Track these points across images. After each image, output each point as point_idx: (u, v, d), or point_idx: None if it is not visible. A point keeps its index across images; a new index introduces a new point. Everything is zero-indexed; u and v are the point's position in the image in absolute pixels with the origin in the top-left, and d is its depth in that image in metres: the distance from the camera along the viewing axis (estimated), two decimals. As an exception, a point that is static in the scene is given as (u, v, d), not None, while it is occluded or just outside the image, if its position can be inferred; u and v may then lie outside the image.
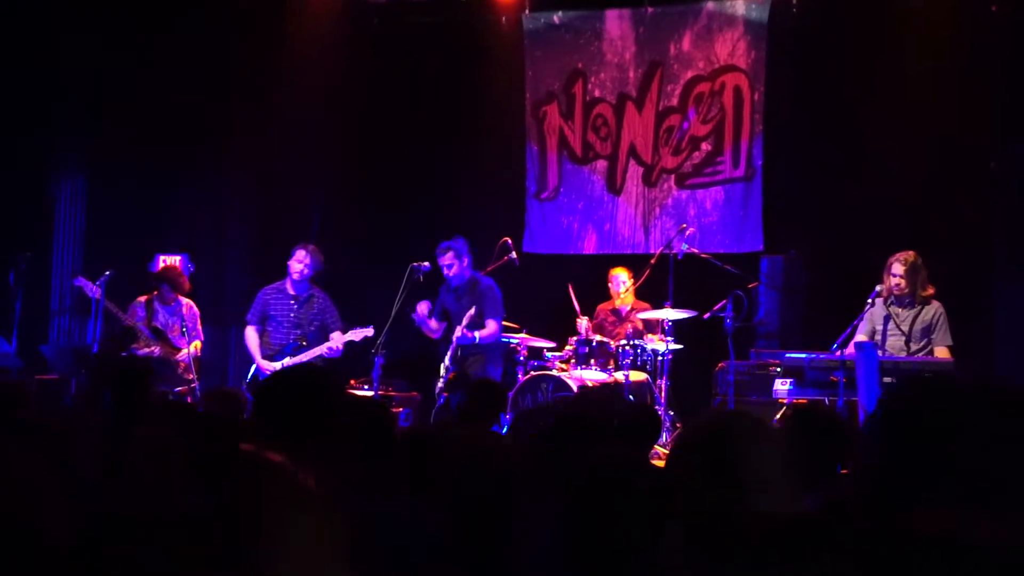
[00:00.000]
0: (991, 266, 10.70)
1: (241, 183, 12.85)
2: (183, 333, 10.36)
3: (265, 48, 12.35)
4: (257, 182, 12.89)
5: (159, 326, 10.36)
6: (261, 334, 10.22)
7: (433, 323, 10.26)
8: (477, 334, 9.95)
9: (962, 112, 10.68)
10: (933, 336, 8.80)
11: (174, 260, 11.49)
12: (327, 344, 10.01)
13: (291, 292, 10.19)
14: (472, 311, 9.88)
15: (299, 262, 10.13)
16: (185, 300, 10.63)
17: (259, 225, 12.88)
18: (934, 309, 8.85)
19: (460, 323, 9.94)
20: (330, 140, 12.78)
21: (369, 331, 10.02)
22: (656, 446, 10.04)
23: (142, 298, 10.53)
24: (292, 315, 10.16)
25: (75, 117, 12.31)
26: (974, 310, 10.03)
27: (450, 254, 10.03)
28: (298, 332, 10.12)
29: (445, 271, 10.10)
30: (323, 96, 12.61)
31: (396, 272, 10.07)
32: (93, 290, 10.28)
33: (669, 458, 2.77)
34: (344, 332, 10.09)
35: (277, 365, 9.78)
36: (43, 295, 12.04)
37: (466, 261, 10.13)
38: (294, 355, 9.98)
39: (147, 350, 10.19)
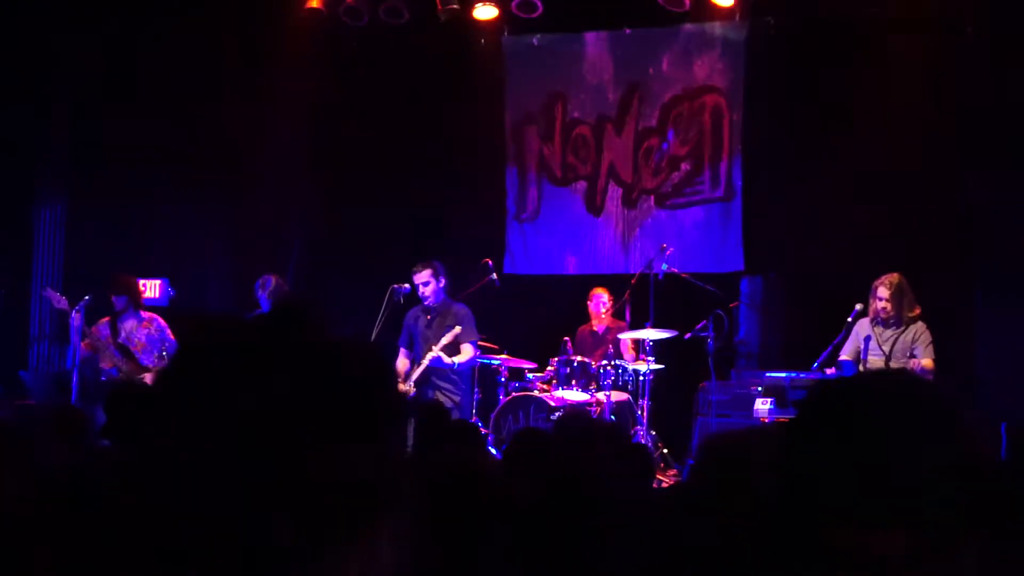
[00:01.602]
0: (970, 288, 10.71)
1: (221, 208, 12.82)
2: (150, 349, 10.21)
3: (245, 71, 12.34)
4: (237, 206, 12.86)
5: (123, 342, 10.24)
6: None
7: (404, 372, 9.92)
8: (455, 360, 9.77)
9: (940, 133, 10.72)
10: (915, 351, 8.82)
11: (155, 284, 11.45)
12: None
13: None
14: (457, 329, 9.70)
15: (261, 291, 10.16)
16: (147, 314, 10.51)
17: (239, 249, 12.84)
18: (916, 328, 8.88)
19: (429, 346, 9.79)
20: (310, 162, 12.78)
21: None
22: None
23: (105, 319, 10.41)
24: None
25: (56, 144, 12.28)
26: (953, 332, 10.04)
27: (427, 272, 9.84)
28: None
29: (420, 289, 9.90)
30: (303, 118, 12.63)
31: (376, 294, 10.06)
32: (60, 301, 10.18)
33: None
34: None
35: None
36: (23, 321, 12.00)
37: (442, 283, 9.94)
38: None
39: (111, 367, 10.10)
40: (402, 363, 10.03)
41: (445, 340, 9.68)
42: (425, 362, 9.62)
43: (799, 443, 1.51)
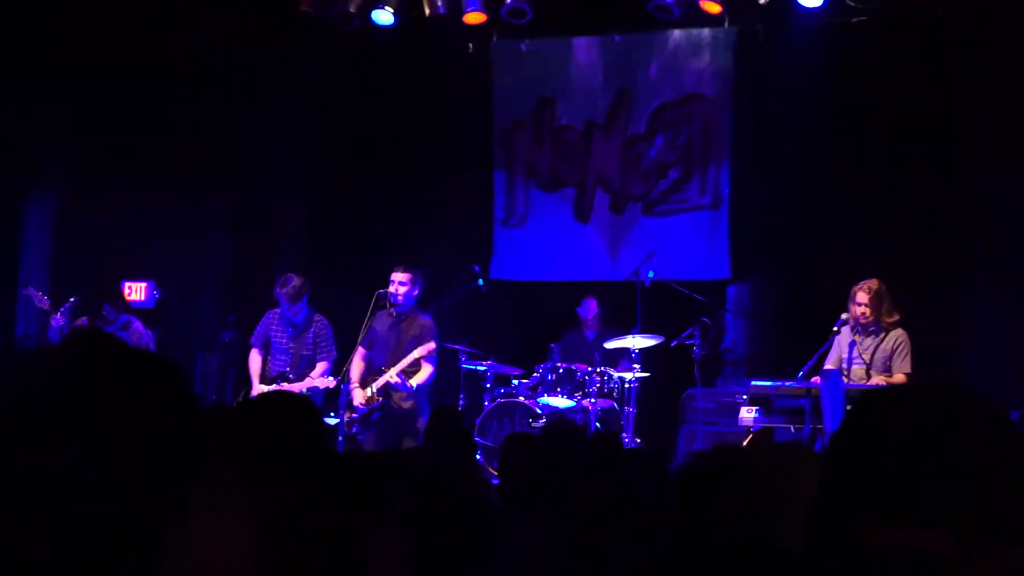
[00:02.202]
0: (960, 293, 10.72)
1: (210, 210, 12.80)
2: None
3: (236, 74, 12.32)
4: (226, 209, 12.84)
5: None
6: (264, 358, 10.14)
7: (356, 393, 9.76)
8: (414, 383, 9.55)
9: (931, 138, 10.72)
10: (892, 363, 8.85)
11: (140, 287, 11.43)
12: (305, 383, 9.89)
13: (290, 318, 10.12)
14: (415, 354, 9.54)
15: (280, 289, 10.07)
16: (126, 316, 10.51)
17: (227, 252, 12.82)
18: (895, 337, 8.90)
19: (387, 349, 9.68)
20: (298, 165, 12.77)
21: (331, 382, 9.86)
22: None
23: (83, 318, 10.37)
24: (287, 342, 10.09)
25: (45, 143, 12.24)
26: (942, 336, 10.07)
27: (408, 275, 9.67)
28: (291, 359, 10.04)
29: (394, 288, 9.67)
30: (293, 122, 12.60)
31: (363, 299, 10.01)
32: (42, 300, 10.15)
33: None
34: (332, 365, 10.03)
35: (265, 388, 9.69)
36: (7, 320, 11.95)
37: (416, 292, 9.77)
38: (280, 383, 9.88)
39: None
40: (357, 366, 9.83)
41: (404, 363, 9.53)
42: (385, 379, 9.52)
43: (850, 449, 1.53)
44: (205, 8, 11.97)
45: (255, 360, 10.14)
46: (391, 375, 9.49)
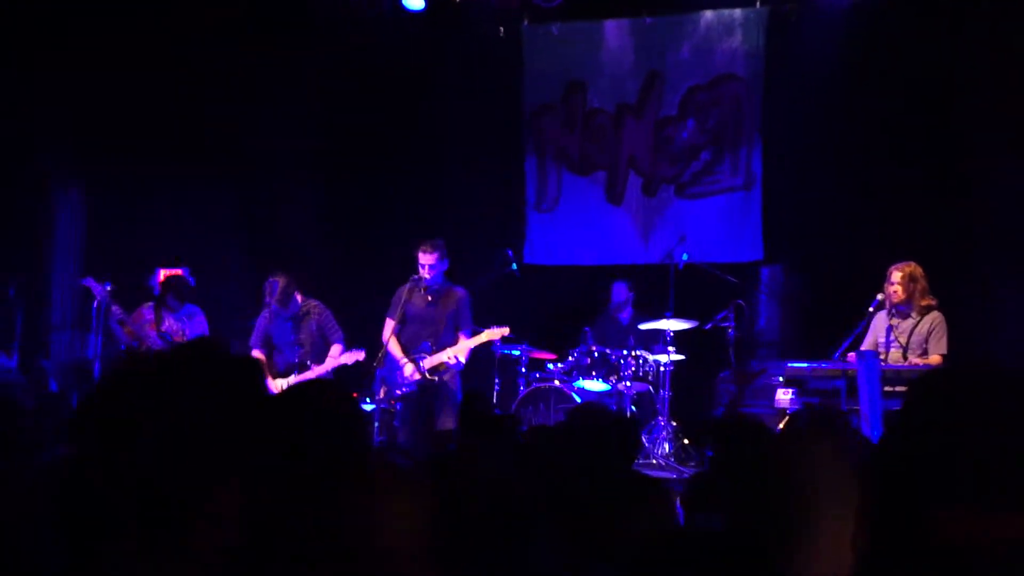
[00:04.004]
0: (995, 276, 10.65)
1: (237, 199, 12.81)
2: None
3: (262, 60, 12.32)
4: (252, 197, 12.85)
5: (165, 331, 10.29)
6: (268, 355, 10.15)
7: (407, 367, 9.63)
8: (462, 357, 9.49)
9: (966, 118, 10.64)
10: (928, 345, 8.81)
11: (175, 274, 11.47)
12: (328, 363, 9.93)
13: (285, 315, 10.13)
14: (484, 336, 9.58)
15: (269, 298, 10.07)
16: (193, 307, 10.59)
17: (255, 240, 12.84)
18: (932, 319, 8.85)
19: (427, 327, 9.62)
20: (326, 151, 12.78)
21: (360, 355, 9.85)
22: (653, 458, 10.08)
23: (149, 303, 10.45)
24: (291, 336, 10.10)
25: (75, 132, 12.27)
26: (975, 319, 10.02)
27: (435, 253, 9.55)
28: (302, 350, 10.06)
29: (422, 267, 9.55)
30: (320, 107, 12.62)
31: (393, 285, 10.00)
32: (100, 291, 10.19)
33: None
34: (345, 344, 10.05)
35: (283, 382, 9.70)
36: (44, 310, 12.03)
37: (445, 264, 9.66)
38: (299, 373, 9.90)
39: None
40: (396, 344, 9.67)
41: (471, 344, 9.52)
42: (442, 359, 9.53)
43: (913, 431, 1.51)
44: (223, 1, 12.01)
45: (259, 358, 10.14)
46: (449, 356, 9.45)
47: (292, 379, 9.75)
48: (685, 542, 2.11)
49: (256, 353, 10.09)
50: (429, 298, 9.70)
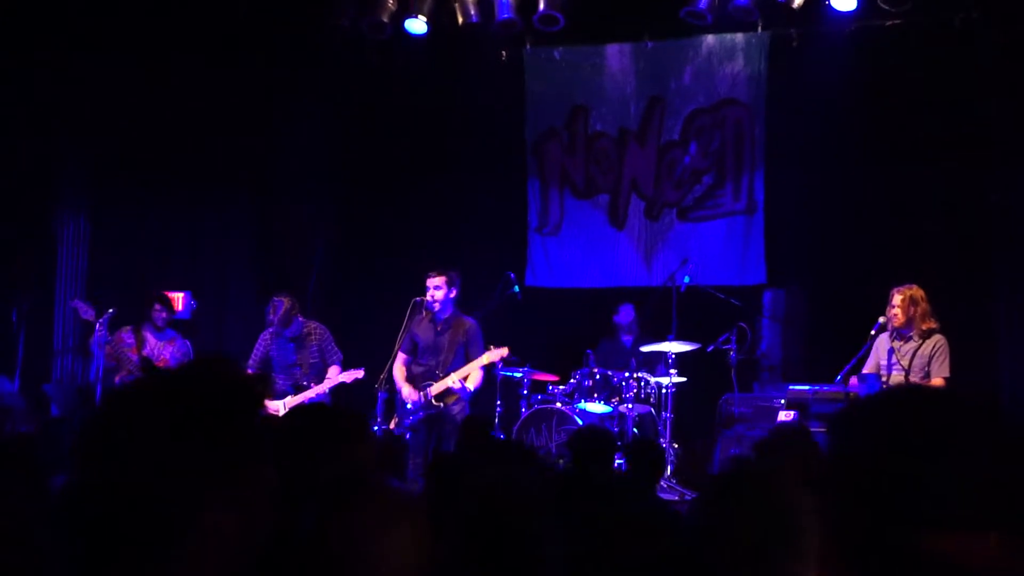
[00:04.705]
0: (995, 301, 10.65)
1: (243, 220, 12.86)
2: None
3: (265, 85, 12.38)
4: (259, 219, 12.90)
5: (148, 355, 10.27)
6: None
7: (405, 388, 9.71)
8: (470, 386, 9.51)
9: (962, 143, 10.67)
10: (930, 368, 8.79)
11: (178, 297, 11.49)
12: (326, 383, 9.94)
13: (287, 336, 10.14)
14: (484, 359, 9.55)
15: (272, 316, 10.06)
16: (172, 332, 10.60)
17: (260, 261, 12.87)
18: (934, 342, 8.83)
19: (437, 357, 9.65)
20: (331, 175, 12.82)
21: (360, 373, 9.87)
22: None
23: (128, 327, 10.44)
24: (293, 357, 10.10)
25: (79, 156, 12.30)
26: (976, 344, 10.00)
27: (443, 279, 9.63)
28: (301, 370, 10.06)
29: (431, 294, 9.62)
30: (323, 132, 12.65)
31: (398, 307, 10.02)
32: (87, 312, 10.20)
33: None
34: (342, 366, 10.06)
35: (279, 404, 9.68)
36: (46, 333, 12.03)
37: (454, 293, 9.71)
38: (296, 394, 9.90)
39: (127, 375, 10.08)
40: (400, 371, 9.74)
41: (469, 369, 9.51)
42: (446, 384, 9.51)
43: (885, 453, 1.51)
44: (234, 15, 12.02)
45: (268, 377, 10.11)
46: (453, 381, 9.45)
47: (289, 400, 9.75)
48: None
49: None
50: (438, 328, 9.73)
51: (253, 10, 11.98)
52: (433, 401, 9.46)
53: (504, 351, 9.63)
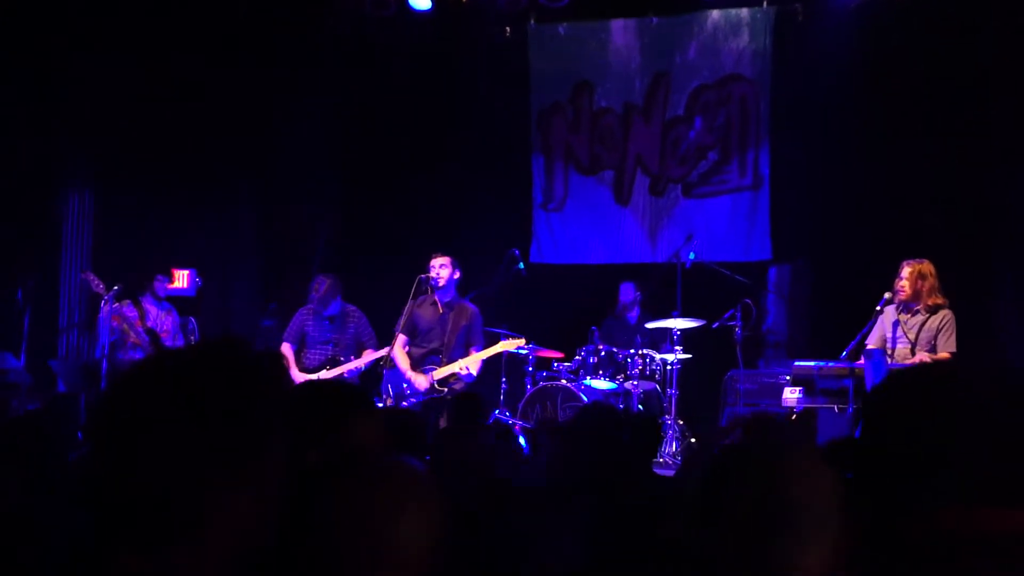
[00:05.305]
0: (1002, 276, 10.64)
1: (248, 198, 12.85)
2: (175, 335, 10.44)
3: (268, 63, 12.35)
4: (262, 197, 12.90)
5: (152, 327, 10.33)
6: (297, 354, 10.16)
7: (411, 375, 9.59)
8: (474, 371, 9.44)
9: (971, 117, 10.64)
10: (936, 342, 8.76)
11: (183, 274, 11.50)
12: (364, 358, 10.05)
13: (324, 315, 10.20)
14: (498, 348, 9.57)
15: (315, 294, 10.15)
16: (167, 303, 10.70)
17: (266, 241, 12.87)
18: (942, 316, 8.79)
19: (439, 340, 9.60)
20: (335, 152, 12.80)
21: (384, 351, 9.91)
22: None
23: (127, 301, 10.47)
24: (328, 335, 10.17)
25: (83, 135, 12.29)
26: (982, 319, 9.99)
27: (448, 259, 9.61)
28: (335, 348, 10.13)
29: (435, 272, 9.56)
30: (328, 109, 12.63)
31: (402, 284, 9.99)
32: (98, 285, 10.24)
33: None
34: (377, 349, 10.10)
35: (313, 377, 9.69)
36: (51, 311, 12.05)
37: (457, 275, 9.68)
38: (331, 368, 9.99)
39: (135, 348, 10.16)
40: (401, 354, 9.64)
41: (483, 356, 9.51)
42: (453, 370, 9.47)
43: (921, 429, 1.51)
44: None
45: (287, 352, 10.16)
46: (460, 367, 9.43)
47: (324, 373, 9.84)
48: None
49: (286, 347, 10.13)
50: (440, 310, 9.71)
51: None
52: (436, 386, 9.45)
53: (520, 340, 9.68)
